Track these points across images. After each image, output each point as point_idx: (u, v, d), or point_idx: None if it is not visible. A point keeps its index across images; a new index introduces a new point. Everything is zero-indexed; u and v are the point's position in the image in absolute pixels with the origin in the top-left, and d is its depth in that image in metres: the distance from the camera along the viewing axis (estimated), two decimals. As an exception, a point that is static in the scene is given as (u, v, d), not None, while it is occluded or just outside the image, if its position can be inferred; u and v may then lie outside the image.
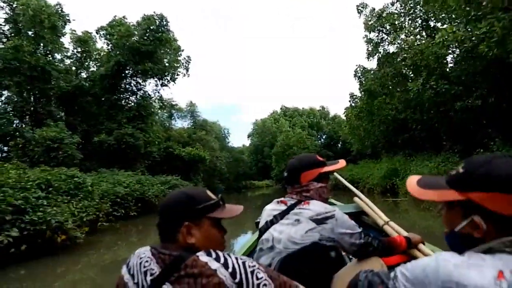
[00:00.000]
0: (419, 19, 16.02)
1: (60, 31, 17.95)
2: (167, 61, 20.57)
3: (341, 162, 1.68)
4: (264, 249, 1.44)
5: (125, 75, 19.47)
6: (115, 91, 19.30)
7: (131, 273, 0.91)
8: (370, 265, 1.33)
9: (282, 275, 0.94)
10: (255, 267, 0.88)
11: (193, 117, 34.26)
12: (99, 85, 18.70)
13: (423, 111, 14.81)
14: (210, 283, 0.81)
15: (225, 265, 0.85)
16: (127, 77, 19.76)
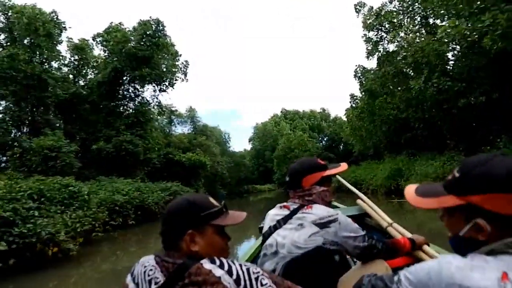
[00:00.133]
0: (418, 16, 15.89)
1: (56, 38, 17.82)
2: (165, 66, 20.39)
3: (343, 165, 1.70)
4: (268, 254, 1.44)
5: (122, 81, 19.32)
6: (113, 98, 19.14)
7: (136, 281, 0.90)
8: (374, 268, 1.35)
9: (286, 280, 0.95)
10: (259, 273, 0.87)
11: (193, 123, 34.21)
12: (97, 92, 18.56)
13: (425, 110, 14.72)
14: None
15: (229, 272, 0.84)
16: (125, 83, 19.61)
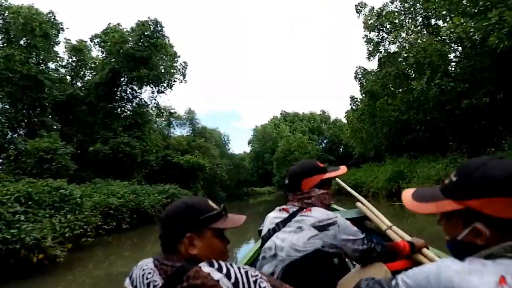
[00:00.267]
0: (419, 17, 15.65)
1: (53, 39, 17.56)
2: (163, 67, 20.21)
3: (342, 168, 1.68)
4: (267, 257, 1.43)
5: (120, 82, 19.10)
6: (111, 99, 18.92)
7: (134, 285, 0.90)
8: (373, 271, 1.34)
9: (285, 283, 0.95)
10: (257, 276, 0.87)
11: (192, 125, 33.94)
12: (94, 94, 18.35)
13: (426, 111, 14.50)
14: None
15: (228, 276, 0.83)
16: (122, 85, 19.39)
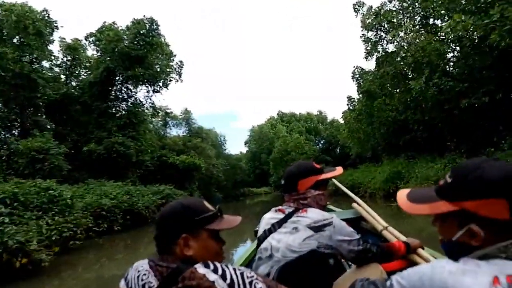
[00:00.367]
0: (418, 16, 15.54)
1: (47, 38, 17.26)
2: (159, 67, 19.95)
3: (339, 169, 1.68)
4: (263, 258, 1.42)
5: (115, 81, 18.85)
6: (105, 98, 18.65)
7: (130, 286, 0.90)
8: (369, 271, 1.34)
9: (280, 284, 0.95)
10: (253, 277, 0.86)
11: (188, 125, 33.67)
12: (88, 93, 18.10)
13: (424, 111, 14.38)
14: None
15: (223, 277, 0.83)
16: (117, 84, 19.15)
